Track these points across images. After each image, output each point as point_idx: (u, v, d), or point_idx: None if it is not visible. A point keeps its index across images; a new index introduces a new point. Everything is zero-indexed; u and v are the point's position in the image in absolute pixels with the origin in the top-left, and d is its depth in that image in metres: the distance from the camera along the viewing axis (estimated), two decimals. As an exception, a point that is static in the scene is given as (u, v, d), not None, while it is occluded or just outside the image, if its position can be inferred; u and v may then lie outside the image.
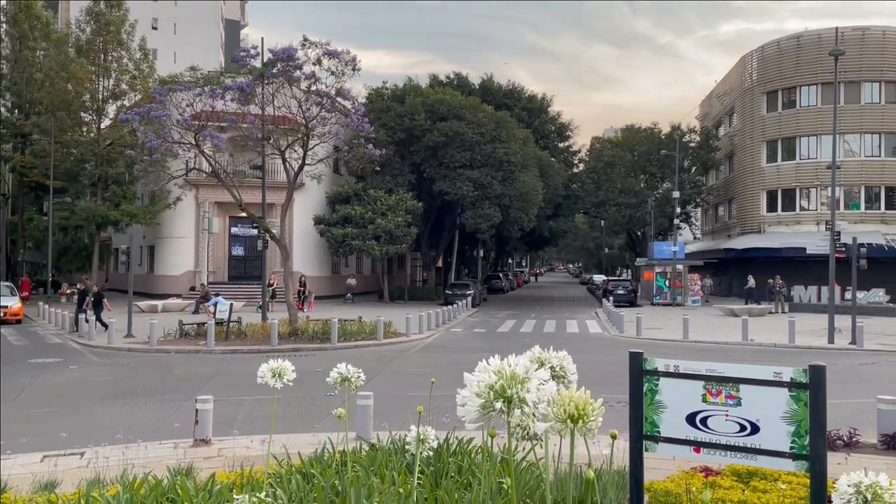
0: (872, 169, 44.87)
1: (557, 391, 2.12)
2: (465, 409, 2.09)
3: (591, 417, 2.00)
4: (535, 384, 2.05)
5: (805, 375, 4.17)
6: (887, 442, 8.19)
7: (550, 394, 2.07)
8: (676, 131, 54.07)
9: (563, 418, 1.98)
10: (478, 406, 2.06)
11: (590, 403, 2.00)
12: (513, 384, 2.05)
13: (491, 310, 38.62)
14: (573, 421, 1.98)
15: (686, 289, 42.58)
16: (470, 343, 22.28)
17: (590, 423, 2.00)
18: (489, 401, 2.04)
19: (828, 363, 12.88)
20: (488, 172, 39.40)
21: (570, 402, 1.97)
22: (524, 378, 2.06)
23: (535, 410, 2.05)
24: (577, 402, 1.97)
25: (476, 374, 2.12)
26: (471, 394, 2.08)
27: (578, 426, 1.98)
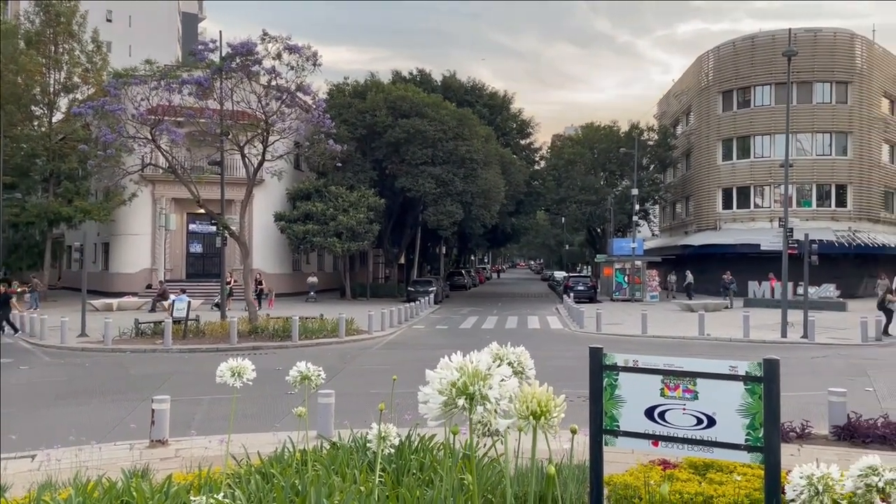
0: (823, 167, 46.13)
1: (520, 387, 2.12)
2: (427, 407, 2.08)
3: (553, 414, 2.00)
4: (498, 380, 2.05)
5: (759, 369, 4.26)
6: (838, 433, 8.43)
7: (512, 390, 2.07)
8: (635, 130, 54.88)
9: (525, 415, 1.98)
10: (440, 403, 2.05)
11: (552, 400, 2.01)
12: (475, 381, 2.04)
13: (453, 307, 38.69)
14: (535, 417, 1.98)
15: (645, 285, 43.24)
16: (432, 340, 22.29)
17: (552, 419, 2.00)
18: (451, 398, 2.03)
19: (781, 357, 13.26)
20: (450, 169, 39.44)
21: (532, 399, 1.97)
22: (486, 374, 2.06)
23: (497, 407, 2.04)
24: (539, 399, 1.97)
25: (438, 371, 2.11)
26: (433, 391, 2.07)
27: (541, 422, 1.99)
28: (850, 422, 8.42)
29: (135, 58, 36.46)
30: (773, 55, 42.73)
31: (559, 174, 55.49)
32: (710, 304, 34.22)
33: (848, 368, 16.46)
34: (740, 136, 48.43)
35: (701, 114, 51.72)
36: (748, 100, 48.44)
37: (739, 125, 48.36)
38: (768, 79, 46.11)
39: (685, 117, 56.78)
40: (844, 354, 19.18)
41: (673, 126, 58.85)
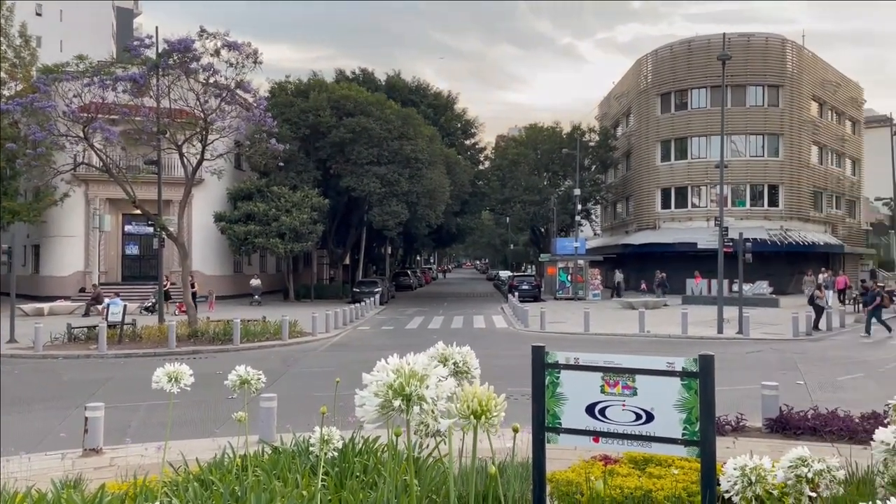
0: (757, 168, 47.75)
1: (460, 386, 2.11)
2: (363, 410, 2.05)
3: (493, 413, 1.99)
4: (434, 381, 2.03)
5: (695, 365, 4.37)
6: (771, 425, 8.72)
7: (449, 390, 2.05)
8: (577, 131, 55.77)
9: (466, 414, 1.97)
10: (376, 406, 2.02)
11: (492, 399, 2.00)
12: (412, 382, 2.02)
13: (399, 307, 38.58)
14: (476, 417, 1.97)
15: (587, 283, 43.98)
16: (378, 341, 22.17)
17: (492, 418, 2.00)
18: (388, 400, 2.01)
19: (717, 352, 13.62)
20: (396, 169, 39.32)
21: (473, 399, 1.96)
22: (423, 375, 2.04)
23: (434, 407, 2.03)
24: (480, 398, 1.97)
25: (374, 373, 2.08)
26: (369, 394, 2.03)
27: (481, 422, 1.98)
28: (782, 414, 8.72)
29: (66, 53, 35.09)
30: (709, 59, 43.97)
31: (503, 174, 55.95)
32: (650, 302, 35.03)
33: (780, 362, 17.08)
34: (678, 137, 49.72)
35: (640, 115, 52.89)
36: (685, 102, 49.77)
37: (677, 127, 49.64)
38: (704, 82, 47.44)
39: (625, 119, 57.97)
40: (777, 349, 19.89)
41: (613, 127, 60.02)
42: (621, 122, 59.23)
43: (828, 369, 15.88)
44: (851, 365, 16.51)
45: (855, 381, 14.25)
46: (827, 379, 14.53)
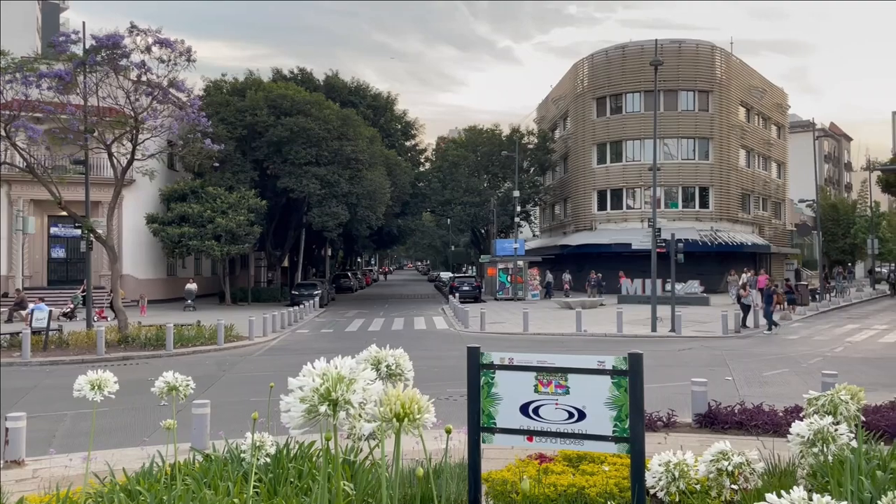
0: (688, 170, 49.27)
1: (385, 390, 2.09)
2: (288, 416, 2.02)
3: (416, 415, 1.99)
4: (362, 385, 2.02)
5: (625, 363, 4.47)
6: (700, 420, 8.99)
7: (377, 393, 2.04)
8: (516, 133, 56.41)
9: (388, 417, 1.96)
10: (302, 411, 1.99)
11: (415, 401, 2.00)
12: (339, 386, 2.00)
13: (339, 309, 38.24)
14: (399, 420, 1.96)
15: (526, 284, 44.52)
16: (317, 344, 21.91)
17: (416, 420, 1.99)
18: (314, 405, 1.98)
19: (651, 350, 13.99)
20: (335, 170, 38.96)
21: (395, 402, 1.95)
22: (350, 379, 2.02)
23: (361, 411, 2.01)
24: (402, 401, 1.96)
25: (300, 378, 2.05)
26: (294, 399, 2.01)
27: (404, 424, 1.97)
28: (711, 410, 9.01)
29: (-14, 47, 33.46)
30: (642, 64, 45.11)
31: (444, 176, 56.15)
32: (587, 302, 35.70)
33: (711, 359, 17.64)
34: (613, 140, 50.87)
35: (577, 119, 53.87)
36: (620, 106, 50.96)
37: (612, 130, 50.78)
38: (638, 86, 48.68)
39: (562, 122, 58.95)
40: (708, 346, 20.54)
41: (551, 130, 60.95)
42: (559, 125, 60.21)
43: (755, 365, 16.48)
44: (777, 361, 17.18)
45: (780, 376, 14.84)
46: (754, 374, 15.09)
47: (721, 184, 49.74)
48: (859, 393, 3.33)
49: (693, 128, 49.36)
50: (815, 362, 16.53)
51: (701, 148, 49.80)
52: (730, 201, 50.46)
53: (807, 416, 3.11)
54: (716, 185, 49.56)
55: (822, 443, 2.83)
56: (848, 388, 3.33)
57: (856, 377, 13.72)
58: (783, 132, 61.94)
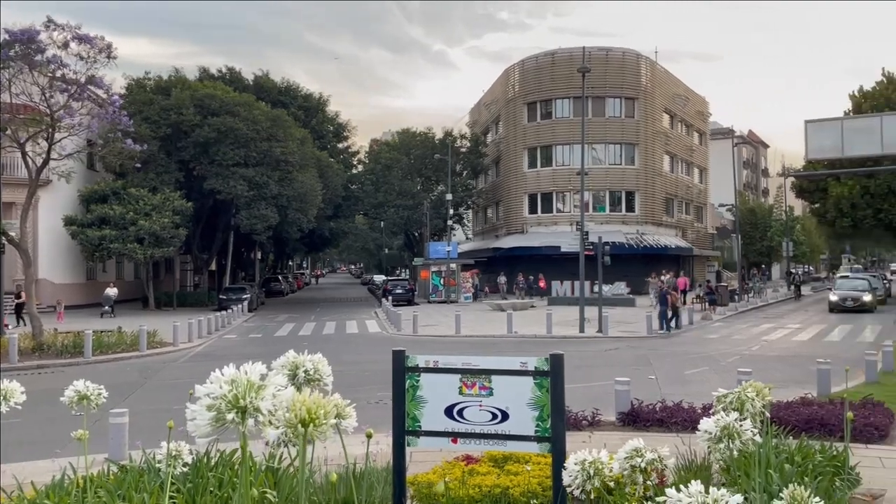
0: (615, 175, 50.57)
1: (313, 394, 2.06)
2: (194, 424, 1.96)
3: (322, 421, 1.97)
4: (272, 391, 1.98)
5: (547, 364, 4.55)
6: (623, 419, 9.23)
7: (287, 399, 2.01)
8: (449, 137, 56.70)
9: (294, 423, 1.93)
10: (209, 419, 1.94)
11: (321, 407, 1.97)
12: (248, 393, 1.96)
13: (269, 314, 37.55)
14: (304, 425, 1.93)
15: (459, 286, 44.77)
16: (244, 349, 21.45)
17: (321, 426, 1.97)
18: (221, 412, 1.93)
19: (579, 350, 14.29)
20: (264, 171, 38.24)
21: (301, 407, 1.93)
22: (260, 386, 1.98)
23: (270, 418, 1.98)
24: (308, 407, 1.93)
25: (207, 385, 2.00)
26: (201, 407, 1.95)
27: (310, 430, 1.94)
28: (634, 408, 9.26)
29: None
30: (571, 71, 46.05)
31: (377, 178, 55.94)
32: (518, 304, 36.18)
33: (635, 359, 18.14)
34: (543, 145, 51.75)
35: (508, 123, 54.57)
36: (550, 111, 51.90)
37: (542, 135, 51.65)
38: (567, 92, 49.66)
39: (495, 126, 59.61)
40: (633, 346, 21.11)
41: (484, 134, 61.54)
42: (491, 130, 60.84)
43: (677, 364, 17.05)
44: (698, 360, 17.82)
45: (700, 374, 15.39)
46: (675, 373, 15.60)
47: (646, 188, 51.25)
48: (764, 390, 3.48)
49: (620, 134, 50.71)
50: (733, 360, 17.21)
51: (627, 153, 51.20)
52: (654, 205, 52.04)
53: (716, 413, 3.22)
54: (641, 189, 51.02)
55: (728, 438, 2.94)
56: (754, 386, 3.47)
57: (770, 374, 14.37)
58: (704, 139, 64.35)
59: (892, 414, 9.44)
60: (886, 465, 7.21)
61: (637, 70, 51.22)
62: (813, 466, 5.40)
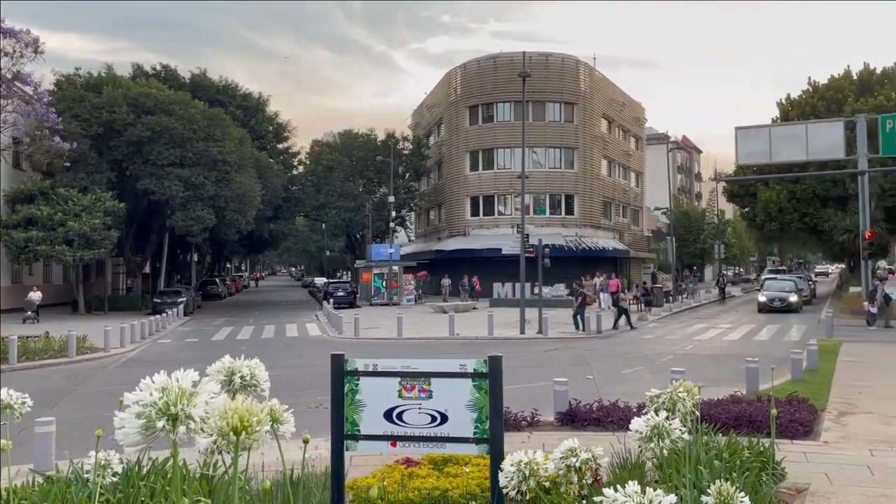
0: (555, 179, 51.36)
1: (248, 400, 2.03)
2: (122, 433, 1.91)
3: (255, 428, 1.94)
4: (204, 398, 1.94)
5: (485, 366, 4.60)
6: (561, 419, 9.38)
7: (220, 406, 1.98)
8: (391, 138, 56.57)
9: (226, 431, 1.90)
10: (138, 427, 1.89)
11: (254, 414, 1.95)
12: (179, 400, 1.92)
13: (206, 317, 36.69)
14: (236, 433, 1.90)
15: (402, 288, 44.69)
16: (180, 354, 20.90)
17: (254, 434, 1.94)
18: (151, 420, 1.89)
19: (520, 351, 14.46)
20: (201, 172, 37.35)
21: (233, 415, 1.90)
22: (192, 393, 1.94)
23: (203, 426, 1.94)
24: (240, 414, 1.90)
25: (136, 392, 1.95)
26: (130, 415, 1.90)
27: (242, 438, 1.92)
28: (571, 408, 9.42)
29: None
30: (512, 75, 46.53)
31: (318, 180, 55.37)
32: (461, 306, 36.35)
33: (574, 359, 18.45)
34: (485, 148, 52.15)
35: (450, 126, 54.80)
36: (492, 115, 52.36)
37: (484, 138, 52.06)
38: (508, 96, 50.18)
39: (437, 129, 59.77)
40: (572, 347, 21.47)
41: (426, 136, 61.63)
42: (433, 132, 60.97)
43: (614, 364, 17.42)
44: (634, 359, 18.25)
45: (636, 373, 15.76)
46: (613, 373, 15.94)
47: (585, 192, 52.22)
48: (694, 389, 3.60)
49: (559, 138, 51.52)
50: (668, 360, 17.69)
51: (567, 157, 52.05)
52: (593, 208, 53.08)
53: (649, 413, 3.31)
54: (580, 192, 51.97)
55: (658, 438, 3.03)
56: (685, 386, 3.59)
57: (702, 373, 14.83)
58: (641, 144, 66.01)
59: (816, 410, 9.88)
60: (811, 460, 7.53)
61: (576, 76, 52.16)
62: (741, 462, 5.61)
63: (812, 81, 46.69)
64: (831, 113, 40.63)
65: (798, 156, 32.27)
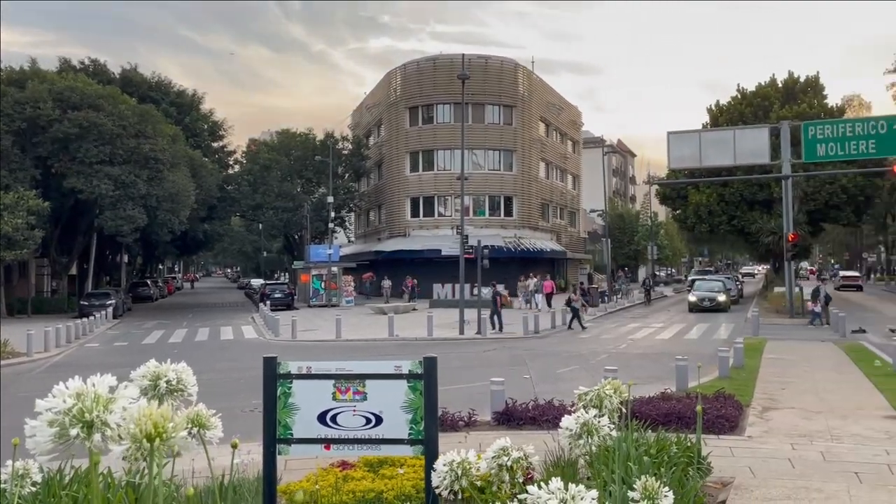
0: (494, 181, 51.80)
1: (144, 408, 1.96)
2: (34, 441, 1.83)
3: (171, 434, 1.89)
4: (122, 404, 1.88)
5: (420, 367, 4.59)
6: (498, 418, 9.46)
7: (133, 412, 1.91)
8: (330, 138, 56.03)
9: (139, 438, 1.84)
10: (50, 435, 1.82)
11: (169, 419, 1.89)
12: (95, 406, 1.85)
13: (136, 320, 35.57)
14: (150, 440, 1.85)
15: (341, 290, 44.30)
16: (108, 359, 20.19)
17: (168, 440, 1.89)
18: (65, 428, 1.82)
19: (459, 352, 14.50)
20: (132, 170, 36.17)
21: (146, 421, 1.84)
22: (109, 399, 1.88)
23: (120, 432, 1.88)
24: (154, 420, 1.85)
25: (49, 399, 1.87)
26: (42, 423, 1.82)
27: (156, 444, 1.86)
28: (508, 407, 9.52)
29: None
30: (452, 77, 46.68)
31: (255, 179, 54.40)
32: (401, 307, 36.27)
33: (512, 359, 18.66)
34: (425, 149, 52.20)
35: (391, 127, 54.64)
36: (432, 116, 52.44)
37: (424, 139, 52.10)
38: (448, 98, 50.35)
39: (377, 129, 59.50)
40: (510, 347, 21.70)
41: (366, 137, 61.29)
42: (373, 133, 60.68)
43: (551, 363, 17.69)
44: (570, 358, 18.57)
45: (571, 372, 16.04)
46: (549, 372, 16.19)
47: (524, 194, 52.86)
48: (622, 387, 3.68)
49: (499, 140, 52.00)
50: (602, 359, 18.07)
51: (505, 159, 52.58)
52: (531, 210, 53.77)
53: (577, 411, 3.36)
54: (519, 194, 52.57)
55: (588, 435, 3.09)
56: (612, 384, 3.66)
57: (635, 372, 15.22)
58: (577, 147, 67.25)
59: (742, 406, 10.26)
60: (736, 454, 7.81)
61: (515, 79, 52.75)
62: (669, 458, 5.77)
63: (741, 88, 48.54)
64: (758, 119, 42.31)
65: (726, 160, 33.45)
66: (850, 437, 8.80)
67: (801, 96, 45.16)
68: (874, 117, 33.77)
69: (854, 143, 30.28)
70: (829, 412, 10.34)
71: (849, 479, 6.75)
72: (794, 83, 46.82)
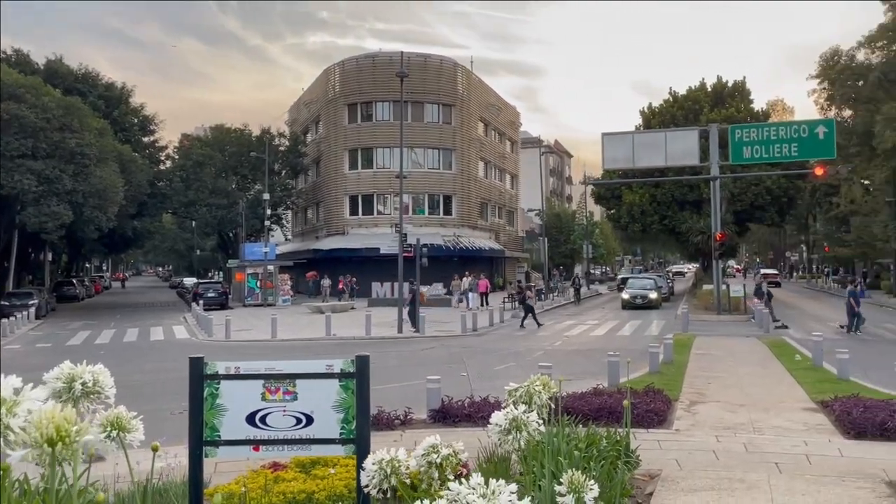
0: (433, 179, 51.88)
1: (46, 411, 1.88)
2: (-73, 447, 1.73)
3: (74, 438, 1.81)
4: (27, 406, 1.79)
5: (353, 365, 4.55)
6: (434, 416, 9.47)
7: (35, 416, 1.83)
8: (267, 134, 55.05)
9: (40, 442, 1.76)
10: (-54, 441, 1.72)
11: (73, 423, 1.82)
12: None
13: (61, 321, 34.16)
14: (51, 444, 1.77)
15: (277, 289, 43.59)
16: (28, 361, 19.32)
17: (71, 445, 1.81)
18: (-38, 433, 1.72)
19: (397, 350, 14.49)
20: (56, 164, 34.70)
21: (48, 424, 1.76)
22: (13, 402, 1.79)
23: (25, 437, 1.79)
24: (57, 424, 1.77)
25: (-54, 403, 1.76)
26: (-63, 428, 1.72)
27: (58, 449, 1.78)
28: (444, 405, 9.54)
29: None
30: (391, 74, 46.29)
31: (188, 175, 52.96)
32: (338, 306, 35.94)
33: (449, 357, 18.72)
34: (364, 147, 51.85)
35: (329, 124, 54.06)
36: (371, 114, 52.12)
37: (363, 137, 51.75)
38: (388, 96, 50.13)
39: (315, 126, 58.77)
40: (448, 345, 21.77)
41: (304, 133, 60.47)
42: (311, 129, 59.92)
43: (488, 360, 17.83)
44: (506, 356, 18.76)
45: (507, 370, 16.20)
46: (486, 369, 16.31)
47: (463, 192, 53.12)
48: (550, 383, 3.73)
49: (438, 139, 52.10)
50: (538, 355, 18.31)
51: (445, 158, 52.72)
52: (470, 209, 54.09)
53: (507, 407, 3.39)
54: (458, 193, 52.80)
55: (516, 430, 3.11)
56: (541, 380, 3.71)
57: (569, 368, 15.48)
58: (516, 147, 67.99)
59: (670, 400, 10.56)
60: (664, 447, 8.03)
61: (454, 78, 52.92)
62: (598, 452, 5.88)
63: (672, 92, 49.91)
64: (689, 122, 43.64)
65: (658, 161, 34.38)
66: (772, 428, 9.16)
67: (728, 100, 46.75)
68: (797, 121, 35.28)
69: (778, 146, 31.54)
70: (753, 405, 10.74)
71: (769, 469, 7.03)
72: (723, 88, 48.43)
